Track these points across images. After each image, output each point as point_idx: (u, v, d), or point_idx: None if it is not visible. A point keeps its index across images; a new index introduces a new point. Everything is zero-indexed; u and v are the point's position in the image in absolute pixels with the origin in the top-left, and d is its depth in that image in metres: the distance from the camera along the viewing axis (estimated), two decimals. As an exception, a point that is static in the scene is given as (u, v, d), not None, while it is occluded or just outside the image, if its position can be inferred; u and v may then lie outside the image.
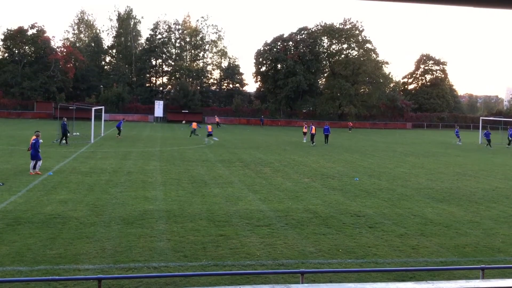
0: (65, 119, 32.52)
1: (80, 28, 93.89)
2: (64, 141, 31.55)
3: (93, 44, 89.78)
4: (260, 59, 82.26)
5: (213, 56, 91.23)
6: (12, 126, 48.73)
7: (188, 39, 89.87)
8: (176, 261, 9.72)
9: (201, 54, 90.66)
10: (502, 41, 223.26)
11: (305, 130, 42.53)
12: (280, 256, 10.27)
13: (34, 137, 21.22)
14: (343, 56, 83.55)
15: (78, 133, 38.77)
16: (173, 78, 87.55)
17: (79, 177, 19.19)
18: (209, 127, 39.29)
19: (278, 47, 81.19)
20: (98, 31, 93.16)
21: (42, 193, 15.71)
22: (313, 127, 40.29)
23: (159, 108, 73.43)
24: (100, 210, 13.69)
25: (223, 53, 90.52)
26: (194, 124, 43.42)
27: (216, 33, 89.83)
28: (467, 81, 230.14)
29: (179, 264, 9.57)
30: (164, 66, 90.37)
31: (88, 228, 11.77)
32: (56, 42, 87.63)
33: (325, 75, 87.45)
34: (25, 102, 73.73)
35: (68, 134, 32.87)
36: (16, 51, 77.99)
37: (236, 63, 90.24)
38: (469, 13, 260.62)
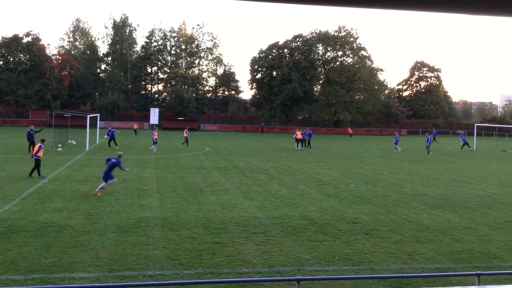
0: (32, 127, 31.85)
1: (76, 36, 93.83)
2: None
3: (88, 52, 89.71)
4: (256, 66, 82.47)
5: (208, 63, 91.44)
6: (6, 134, 48.53)
7: (183, 47, 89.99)
8: (171, 269, 9.68)
9: (196, 62, 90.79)
10: (497, 48, 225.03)
11: (300, 136, 42.81)
12: (276, 263, 10.25)
13: (39, 144, 21.13)
14: (338, 63, 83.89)
15: (73, 141, 38.65)
16: (169, 85, 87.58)
17: (74, 185, 19.12)
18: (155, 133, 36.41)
19: (273, 54, 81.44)
20: (93, 38, 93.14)
21: (37, 201, 15.63)
22: (298, 132, 42.97)
23: (154, 116, 73.38)
24: (95, 218, 13.63)
25: (218, 61, 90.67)
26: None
27: (212, 40, 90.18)
28: (462, 88, 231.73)
29: (175, 272, 9.52)
30: (159, 74, 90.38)
31: (83, 236, 11.72)
32: (51, 50, 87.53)
33: (320, 82, 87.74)
34: (20, 110, 73.48)
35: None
36: (11, 59, 77.84)
37: (231, 70, 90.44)
38: (463, 20, 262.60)
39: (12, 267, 9.48)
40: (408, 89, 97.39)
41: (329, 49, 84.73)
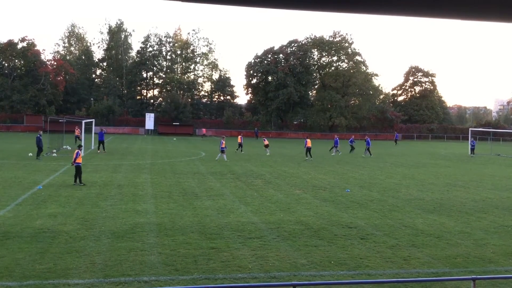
0: (41, 132, 31.74)
1: (71, 41, 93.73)
2: (39, 156, 30.19)
3: (83, 57, 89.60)
4: (251, 72, 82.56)
5: (204, 68, 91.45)
6: (1, 140, 48.29)
7: (179, 52, 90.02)
8: (167, 275, 9.64)
9: (192, 67, 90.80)
10: (491, 53, 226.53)
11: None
12: (272, 268, 10.23)
13: (77, 150, 20.98)
14: (333, 68, 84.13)
15: (68, 147, 38.51)
16: (164, 90, 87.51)
17: (69, 190, 19.04)
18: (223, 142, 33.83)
19: (269, 59, 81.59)
20: (88, 44, 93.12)
21: (32, 207, 15.55)
22: (308, 140, 38.47)
23: (150, 121, 73.28)
24: (90, 224, 13.57)
25: (214, 66, 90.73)
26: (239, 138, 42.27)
27: (207, 45, 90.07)
28: (456, 93, 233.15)
29: (170, 278, 9.49)
30: (155, 79, 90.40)
31: (78, 242, 11.66)
32: (47, 55, 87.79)
33: (316, 87, 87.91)
34: (14, 115, 73.20)
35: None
36: (6, 64, 77.61)
37: (227, 76, 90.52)
38: (457, 25, 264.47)
39: (6, 273, 9.41)
40: (403, 94, 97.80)
41: (324, 54, 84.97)
